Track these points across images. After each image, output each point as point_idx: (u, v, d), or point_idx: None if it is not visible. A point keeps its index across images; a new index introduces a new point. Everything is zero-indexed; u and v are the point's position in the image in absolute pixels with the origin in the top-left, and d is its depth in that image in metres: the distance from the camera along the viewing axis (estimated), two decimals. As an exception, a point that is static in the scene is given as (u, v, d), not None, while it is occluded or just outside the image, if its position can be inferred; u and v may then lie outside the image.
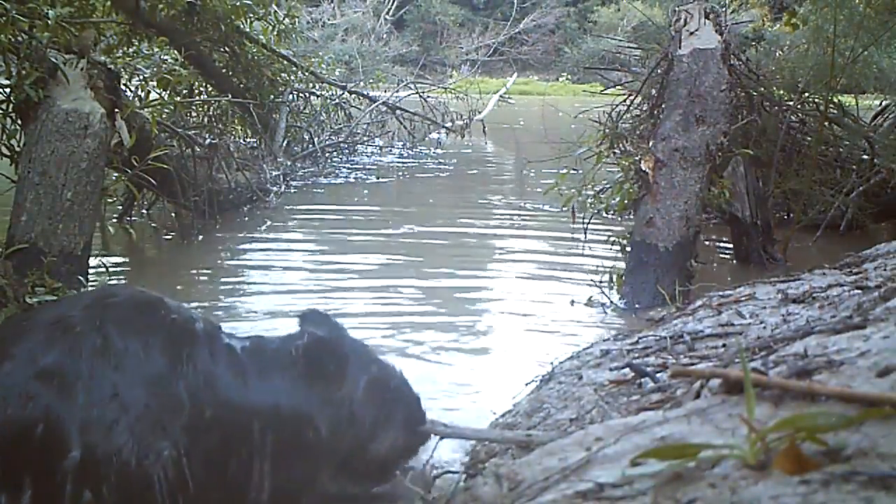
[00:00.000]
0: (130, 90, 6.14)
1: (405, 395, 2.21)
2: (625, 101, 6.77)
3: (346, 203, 8.15)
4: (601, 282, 4.74)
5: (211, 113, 8.29)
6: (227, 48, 8.41)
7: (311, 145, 10.02)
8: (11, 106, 4.82)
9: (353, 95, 11.34)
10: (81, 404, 1.69)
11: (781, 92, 6.91)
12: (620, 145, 6.46)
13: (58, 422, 1.66)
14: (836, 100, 6.90)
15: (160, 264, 6.02)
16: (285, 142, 9.40)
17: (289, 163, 9.17)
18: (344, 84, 11.39)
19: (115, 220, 6.71)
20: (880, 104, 8.15)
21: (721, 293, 3.12)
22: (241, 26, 8.36)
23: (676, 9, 5.22)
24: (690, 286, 4.58)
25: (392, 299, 4.73)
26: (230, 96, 8.12)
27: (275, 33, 8.82)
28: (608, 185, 6.52)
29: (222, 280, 5.35)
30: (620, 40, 11.47)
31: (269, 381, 1.99)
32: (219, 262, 5.93)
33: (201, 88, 8.43)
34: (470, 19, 36.86)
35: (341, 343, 2.14)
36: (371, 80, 13.00)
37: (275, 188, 8.13)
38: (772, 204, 6.34)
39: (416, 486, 1.60)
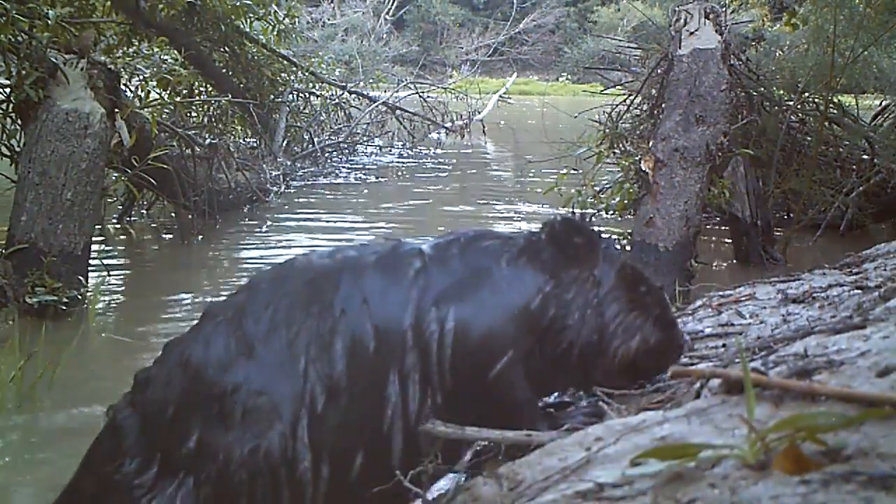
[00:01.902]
0: (130, 90, 6.14)
1: (658, 295, 1.94)
2: (625, 101, 6.77)
3: (346, 203, 8.15)
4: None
5: (211, 113, 8.29)
6: (227, 48, 8.41)
7: (311, 145, 10.02)
8: (11, 106, 4.83)
9: (353, 95, 11.35)
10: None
11: (781, 92, 6.91)
12: (620, 145, 6.47)
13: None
14: (836, 100, 6.90)
15: (160, 264, 6.02)
16: (285, 142, 9.40)
17: (289, 163, 9.18)
18: (344, 84, 11.39)
19: (115, 220, 6.71)
20: (880, 104, 8.15)
21: (721, 293, 3.11)
22: (241, 26, 8.36)
23: (676, 9, 5.22)
24: (690, 286, 4.58)
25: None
26: (230, 96, 8.12)
27: (275, 33, 8.82)
28: (608, 185, 6.52)
29: (222, 280, 5.35)
30: (620, 40, 11.47)
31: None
32: (219, 261, 5.94)
33: (201, 88, 8.43)
34: (470, 19, 36.87)
35: (591, 228, 1.90)
36: (371, 80, 13.01)
37: (275, 188, 8.13)
38: (772, 204, 6.34)
39: (416, 485, 1.60)
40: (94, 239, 4.87)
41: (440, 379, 1.67)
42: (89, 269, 4.66)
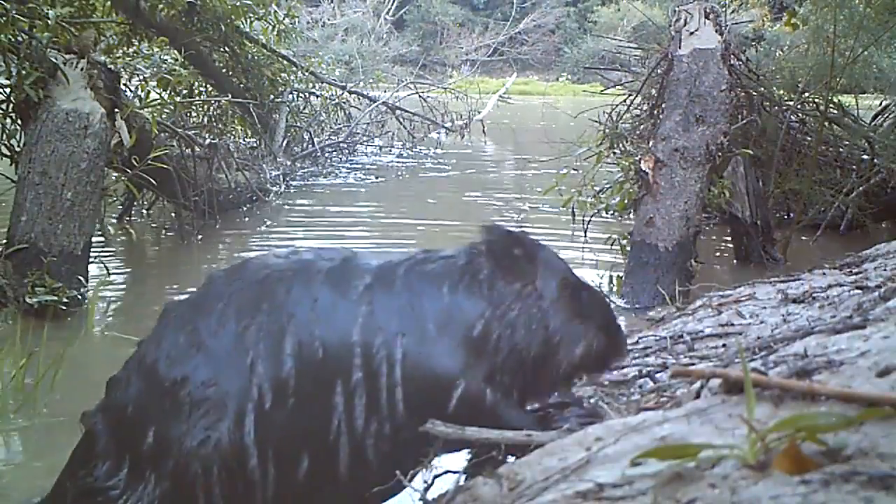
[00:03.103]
0: (130, 90, 6.14)
1: (599, 299, 1.99)
2: (625, 101, 6.76)
3: (346, 203, 8.15)
4: (601, 282, 4.74)
5: (211, 113, 8.28)
6: (227, 48, 8.41)
7: (310, 145, 10.01)
8: (11, 106, 4.82)
9: (353, 95, 11.34)
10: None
11: (781, 92, 6.90)
12: (620, 145, 6.46)
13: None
14: (836, 100, 6.90)
15: (160, 264, 6.02)
16: (285, 142, 9.40)
17: (289, 163, 9.17)
18: (344, 84, 11.39)
19: (115, 220, 6.71)
20: (880, 104, 8.15)
21: (721, 293, 3.12)
22: (241, 26, 8.36)
23: (676, 9, 5.22)
24: (690, 286, 4.58)
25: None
26: (230, 96, 8.12)
27: (275, 33, 8.82)
28: (608, 185, 6.51)
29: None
30: (620, 40, 11.47)
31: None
32: (219, 261, 5.93)
33: (201, 88, 8.43)
34: (470, 19, 36.86)
35: (529, 240, 1.93)
36: (371, 80, 13.00)
37: (275, 188, 8.13)
38: (772, 204, 6.34)
39: (416, 485, 1.60)
40: (94, 239, 4.87)
41: (390, 411, 1.69)
42: (89, 269, 4.65)
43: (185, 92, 7.34)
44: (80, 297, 4.35)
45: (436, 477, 1.68)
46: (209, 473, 1.64)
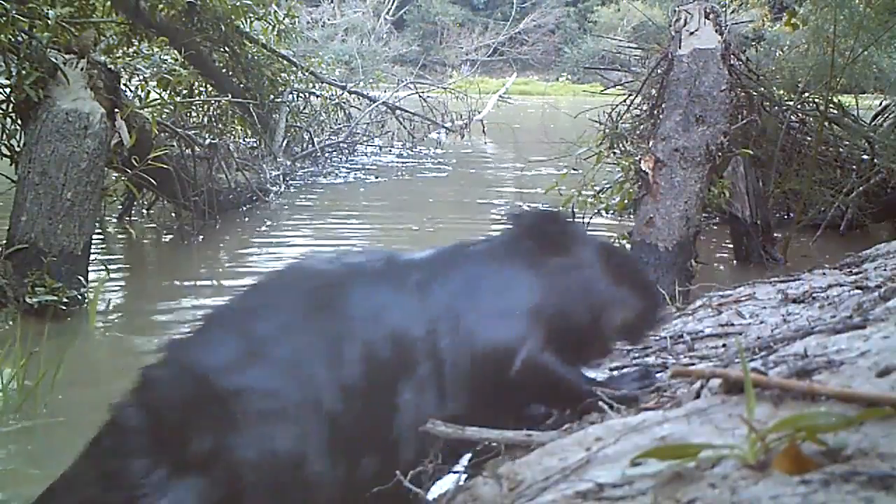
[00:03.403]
0: (130, 90, 6.14)
1: (634, 265, 2.08)
2: (625, 101, 6.76)
3: (346, 203, 8.15)
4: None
5: (211, 113, 8.29)
6: (227, 48, 8.41)
7: (310, 145, 10.02)
8: (11, 106, 4.82)
9: (353, 95, 11.34)
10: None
11: (781, 92, 6.91)
12: (620, 145, 6.46)
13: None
14: (836, 100, 6.90)
15: (160, 264, 6.02)
16: (285, 142, 9.40)
17: (289, 163, 9.18)
18: (344, 84, 11.39)
19: (115, 220, 6.71)
20: (880, 104, 8.15)
21: (721, 293, 3.11)
22: (241, 26, 8.36)
23: (676, 9, 5.22)
24: (690, 286, 4.58)
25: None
26: (230, 96, 8.12)
27: (275, 33, 8.82)
28: (608, 185, 6.52)
29: (222, 280, 5.35)
30: (620, 40, 11.47)
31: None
32: (218, 261, 5.94)
33: (201, 88, 8.43)
34: (470, 19, 36.87)
35: (561, 215, 2.00)
36: (371, 80, 13.00)
37: (275, 188, 8.13)
38: (772, 204, 6.34)
39: (416, 485, 1.60)
40: (94, 239, 4.87)
41: (456, 395, 1.71)
42: (89, 269, 4.65)
43: (185, 92, 7.35)
44: (80, 297, 4.36)
45: (436, 477, 1.68)
46: (266, 484, 1.62)
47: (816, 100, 6.69)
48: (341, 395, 1.66)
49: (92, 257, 4.73)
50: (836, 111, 6.98)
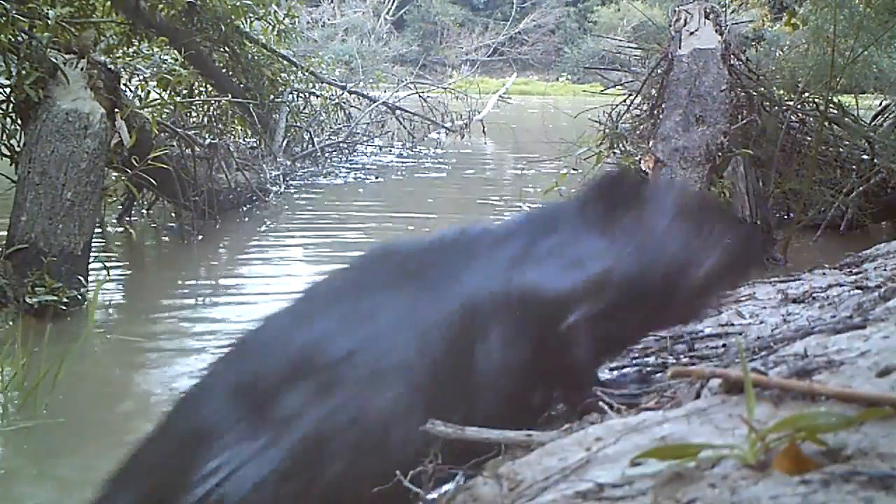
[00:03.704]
0: (130, 90, 6.14)
1: (719, 212, 1.98)
2: (625, 101, 6.76)
3: (346, 203, 8.15)
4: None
5: (211, 113, 8.28)
6: (227, 48, 8.41)
7: (310, 145, 10.01)
8: (11, 106, 4.82)
9: (353, 95, 11.34)
10: None
11: (781, 92, 6.90)
12: (620, 145, 6.46)
13: None
14: (836, 100, 6.90)
15: (160, 264, 6.02)
16: (285, 142, 9.40)
17: (289, 163, 9.17)
18: (344, 84, 11.39)
19: (115, 220, 6.71)
20: (880, 104, 8.14)
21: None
22: (241, 26, 8.36)
23: (676, 9, 5.23)
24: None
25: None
26: (230, 96, 8.12)
27: (275, 33, 8.82)
28: (608, 185, 6.50)
29: (222, 280, 5.35)
30: (620, 40, 11.47)
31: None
32: (218, 261, 5.94)
33: (201, 88, 8.43)
34: (470, 19, 36.87)
35: (634, 174, 1.99)
36: (371, 80, 13.00)
37: (275, 188, 8.13)
38: (772, 204, 6.34)
39: (416, 485, 1.60)
40: (94, 239, 4.87)
41: (521, 344, 1.74)
42: (89, 269, 4.66)
43: (185, 92, 7.35)
44: (80, 297, 4.36)
45: (436, 476, 1.68)
46: (361, 448, 1.64)
47: (816, 100, 6.68)
48: (428, 360, 1.69)
49: (92, 257, 4.73)
50: (836, 111, 6.97)
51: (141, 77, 6.59)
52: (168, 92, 6.55)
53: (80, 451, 2.83)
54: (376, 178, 9.76)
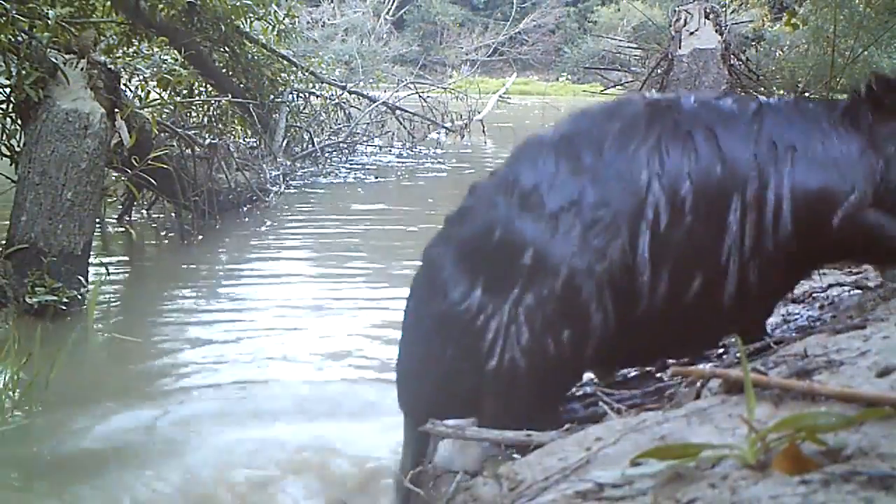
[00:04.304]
0: (130, 90, 6.14)
1: None
2: (625, 101, 6.75)
3: (346, 203, 8.15)
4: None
5: (211, 113, 8.28)
6: (227, 48, 8.41)
7: (310, 145, 10.01)
8: (11, 106, 4.82)
9: (353, 95, 11.33)
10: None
11: (781, 92, 6.90)
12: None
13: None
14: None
15: (160, 264, 6.02)
16: (285, 142, 9.39)
17: (288, 163, 9.17)
18: (344, 84, 11.38)
19: (115, 220, 6.71)
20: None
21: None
22: (241, 26, 8.36)
23: (676, 9, 5.23)
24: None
25: (392, 298, 4.72)
26: (230, 96, 8.11)
27: (275, 33, 8.82)
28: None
29: (222, 280, 5.35)
30: (620, 40, 11.47)
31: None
32: (218, 261, 5.93)
33: (201, 88, 8.43)
34: (470, 19, 36.85)
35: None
36: (371, 81, 12.98)
37: (274, 188, 8.13)
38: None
39: (416, 486, 1.60)
40: (94, 239, 4.87)
41: (775, 229, 1.73)
42: (89, 269, 4.66)
43: (185, 92, 7.34)
44: (80, 297, 4.35)
45: (436, 477, 1.68)
46: (600, 291, 1.65)
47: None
48: (671, 208, 1.70)
49: (92, 257, 4.73)
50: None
51: (141, 77, 6.59)
52: (168, 92, 6.55)
53: (81, 451, 2.82)
54: (376, 178, 9.75)
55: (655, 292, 1.68)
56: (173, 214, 6.61)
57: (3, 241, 4.42)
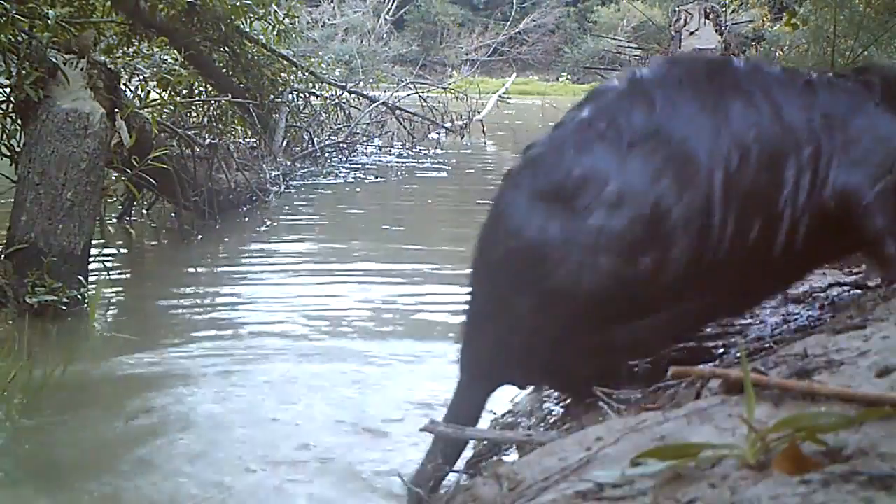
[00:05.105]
0: (130, 90, 6.14)
1: None
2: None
3: (346, 203, 8.15)
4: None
5: (211, 113, 8.28)
6: (227, 48, 8.41)
7: (310, 145, 10.01)
8: (11, 106, 4.82)
9: (353, 95, 11.33)
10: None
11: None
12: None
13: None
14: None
15: (160, 264, 6.02)
16: (285, 142, 9.39)
17: (288, 163, 9.17)
18: (344, 84, 11.38)
19: (115, 220, 6.71)
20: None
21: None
22: (241, 26, 8.36)
23: (676, 9, 5.24)
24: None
25: (392, 298, 4.73)
26: (230, 96, 8.11)
27: (275, 33, 8.82)
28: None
29: (222, 280, 5.35)
30: (620, 40, 11.46)
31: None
32: (218, 261, 5.94)
33: (201, 88, 8.43)
34: (470, 19, 36.84)
35: None
36: (371, 80, 12.98)
37: (274, 188, 8.13)
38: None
39: (416, 485, 1.60)
40: (94, 239, 4.87)
41: (821, 191, 1.82)
42: (89, 269, 4.66)
43: (185, 92, 7.34)
44: (80, 297, 4.35)
45: (437, 476, 1.68)
46: (683, 220, 1.74)
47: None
48: (740, 152, 1.78)
49: (92, 257, 4.73)
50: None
51: (141, 77, 6.59)
52: (168, 92, 6.55)
53: (81, 451, 2.82)
54: (376, 178, 9.75)
55: (725, 231, 1.77)
56: (173, 214, 6.61)
57: (3, 241, 4.43)
